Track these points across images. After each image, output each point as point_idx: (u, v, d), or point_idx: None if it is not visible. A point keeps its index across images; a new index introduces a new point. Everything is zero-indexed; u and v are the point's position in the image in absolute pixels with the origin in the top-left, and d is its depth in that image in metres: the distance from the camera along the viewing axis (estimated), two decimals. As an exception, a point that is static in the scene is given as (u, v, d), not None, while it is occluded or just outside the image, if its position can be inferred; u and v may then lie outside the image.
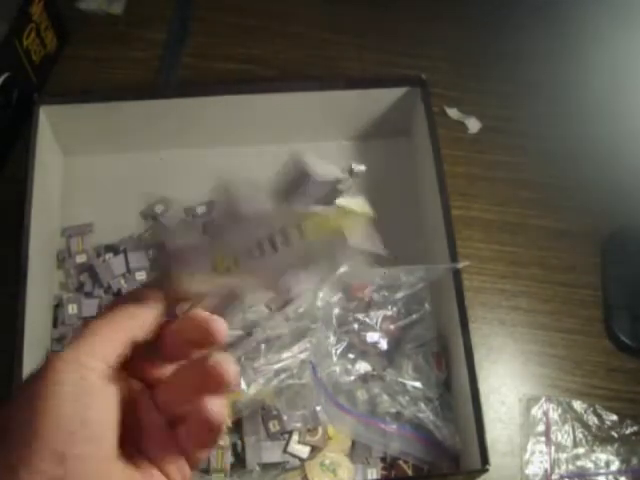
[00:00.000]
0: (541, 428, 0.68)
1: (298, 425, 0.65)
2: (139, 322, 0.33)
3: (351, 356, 0.67)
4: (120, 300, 0.34)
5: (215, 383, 0.32)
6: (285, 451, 0.65)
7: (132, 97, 0.75)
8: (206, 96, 0.74)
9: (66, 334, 0.70)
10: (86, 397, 0.30)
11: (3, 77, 0.75)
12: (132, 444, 0.32)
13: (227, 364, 0.32)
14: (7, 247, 0.66)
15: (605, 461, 0.67)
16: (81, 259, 0.74)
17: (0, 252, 0.69)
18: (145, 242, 0.75)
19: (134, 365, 0.34)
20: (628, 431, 0.68)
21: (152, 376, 0.35)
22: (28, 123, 0.71)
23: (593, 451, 0.68)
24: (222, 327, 0.32)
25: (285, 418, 0.65)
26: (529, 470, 0.67)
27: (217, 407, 0.32)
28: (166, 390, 0.34)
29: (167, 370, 0.35)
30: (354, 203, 0.37)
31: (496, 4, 0.93)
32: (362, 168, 0.37)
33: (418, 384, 0.66)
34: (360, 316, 0.68)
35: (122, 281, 0.72)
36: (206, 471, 0.64)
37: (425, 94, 0.74)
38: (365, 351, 0.67)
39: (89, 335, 0.32)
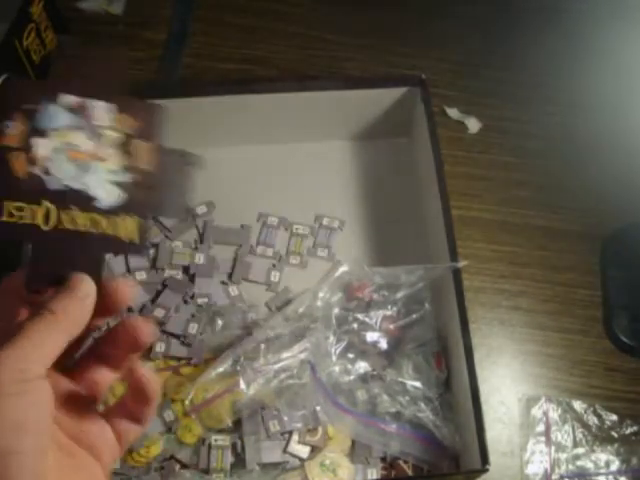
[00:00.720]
0: (541, 428, 0.68)
1: (298, 425, 0.65)
2: (75, 322, 0.35)
3: (351, 356, 0.67)
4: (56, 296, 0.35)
5: (134, 343, 0.37)
6: (285, 451, 0.65)
7: (132, 97, 0.75)
8: (206, 96, 0.74)
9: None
10: (26, 397, 0.32)
11: (3, 77, 0.75)
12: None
13: (145, 325, 0.37)
14: (7, 247, 0.66)
15: (605, 461, 0.67)
16: (81, 259, 0.73)
17: (0, 252, 0.69)
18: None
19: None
20: (628, 431, 0.68)
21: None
22: (28, 123, 0.71)
23: (593, 451, 0.68)
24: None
25: (285, 418, 0.65)
26: (529, 470, 0.67)
27: (146, 370, 0.37)
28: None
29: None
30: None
31: (496, 4, 0.93)
32: None
33: (418, 384, 0.66)
34: (360, 316, 0.68)
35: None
36: (206, 471, 0.64)
37: (425, 94, 0.74)
38: (365, 351, 0.67)
39: (28, 340, 0.33)
